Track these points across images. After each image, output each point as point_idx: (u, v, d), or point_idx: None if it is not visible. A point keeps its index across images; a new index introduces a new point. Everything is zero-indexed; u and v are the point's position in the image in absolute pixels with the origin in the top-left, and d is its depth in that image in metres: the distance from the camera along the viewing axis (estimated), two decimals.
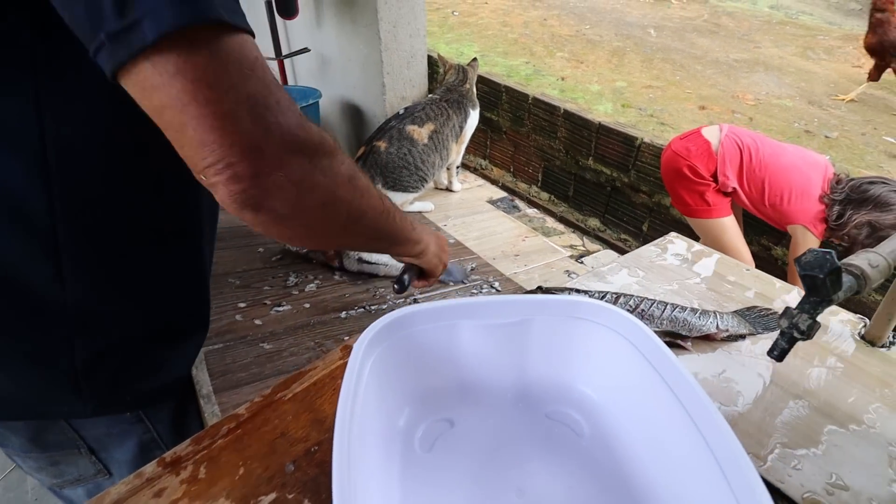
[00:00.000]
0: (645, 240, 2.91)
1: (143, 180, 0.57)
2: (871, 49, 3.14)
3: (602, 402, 0.59)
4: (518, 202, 3.44)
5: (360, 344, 0.51)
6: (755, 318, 0.85)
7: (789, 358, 0.75)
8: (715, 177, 1.94)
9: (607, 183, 3.00)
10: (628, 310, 0.79)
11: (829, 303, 0.54)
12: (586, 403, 0.60)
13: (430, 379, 0.58)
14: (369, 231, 0.61)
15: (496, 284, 1.21)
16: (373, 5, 1.35)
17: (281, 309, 0.96)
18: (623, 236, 3.02)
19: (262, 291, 1.00)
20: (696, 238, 2.46)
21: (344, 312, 0.97)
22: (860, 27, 4.78)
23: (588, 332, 0.59)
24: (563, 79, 3.50)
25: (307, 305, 0.99)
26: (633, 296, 0.81)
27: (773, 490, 0.59)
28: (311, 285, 1.05)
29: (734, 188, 1.92)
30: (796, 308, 0.55)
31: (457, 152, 1.86)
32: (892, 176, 2.56)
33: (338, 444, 0.41)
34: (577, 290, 0.82)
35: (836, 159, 2.62)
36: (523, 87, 3.33)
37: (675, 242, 1.09)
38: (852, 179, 1.80)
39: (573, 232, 3.15)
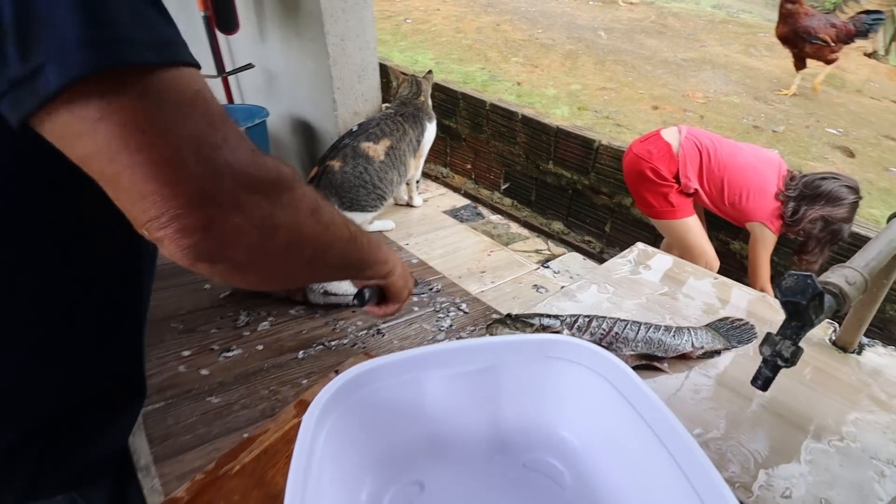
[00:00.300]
0: (608, 241, 2.93)
1: (65, 228, 0.49)
2: (784, 39, 3.26)
3: (583, 447, 0.55)
4: (481, 209, 3.42)
5: (312, 413, 0.45)
6: (728, 330, 0.83)
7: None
8: (677, 178, 1.96)
9: (568, 186, 3.01)
10: (601, 333, 0.75)
11: (811, 326, 0.52)
12: (567, 449, 0.55)
13: (395, 439, 0.52)
14: (337, 262, 0.57)
15: (463, 305, 1.16)
16: (318, 18, 1.28)
17: (231, 354, 0.88)
18: (587, 238, 3.04)
19: (208, 335, 0.92)
20: (660, 238, 2.49)
21: (302, 352, 0.90)
22: None
23: (564, 372, 0.55)
24: (519, 84, 3.50)
25: (260, 347, 0.91)
26: (605, 318, 0.78)
27: None
28: (265, 323, 0.97)
29: (696, 189, 1.94)
30: (778, 334, 0.52)
31: (415, 167, 1.80)
32: (838, 166, 2.67)
33: None
34: (549, 316, 0.78)
35: (784, 153, 2.71)
36: (480, 93, 3.31)
37: (642, 252, 1.07)
38: (805, 176, 1.85)
39: (538, 236, 3.14)
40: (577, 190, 2.95)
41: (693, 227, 2.03)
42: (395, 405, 0.52)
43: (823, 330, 0.86)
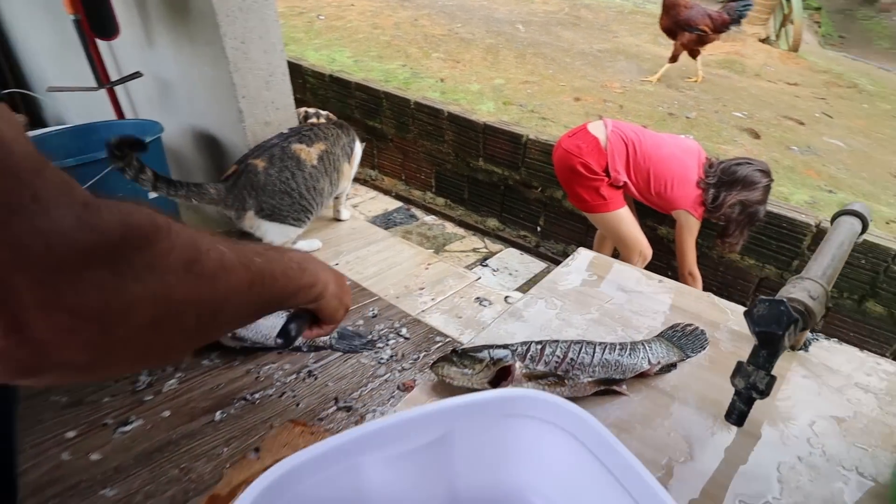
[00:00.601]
0: (543, 234, 2.94)
1: None
2: (668, 30, 3.45)
3: None
4: (414, 210, 3.33)
5: None
6: (680, 338, 0.80)
7: (720, 381, 0.70)
8: (607, 171, 1.98)
9: (500, 182, 2.98)
10: (556, 361, 0.69)
11: (783, 350, 0.47)
12: None
13: None
14: (241, 313, 0.46)
15: (403, 330, 1.07)
16: (212, 19, 1.13)
17: (129, 428, 0.74)
18: (522, 233, 3.04)
19: (100, 406, 0.76)
20: (593, 229, 2.52)
21: (219, 412, 0.77)
22: None
23: (526, 431, 0.48)
24: (442, 80, 3.43)
25: (166, 414, 0.77)
26: (557, 342, 0.71)
27: None
28: (171, 381, 0.83)
29: (625, 181, 1.97)
30: (749, 363, 0.48)
31: (347, 178, 1.66)
32: (747, 148, 2.83)
33: None
34: (498, 347, 0.70)
35: (699, 138, 2.83)
36: (403, 91, 3.21)
37: (584, 258, 1.03)
38: (721, 162, 1.93)
39: (474, 234, 3.10)
40: (509, 185, 2.93)
41: (625, 219, 2.06)
42: None
43: None
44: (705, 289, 2.20)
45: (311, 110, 2.71)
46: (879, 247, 2.01)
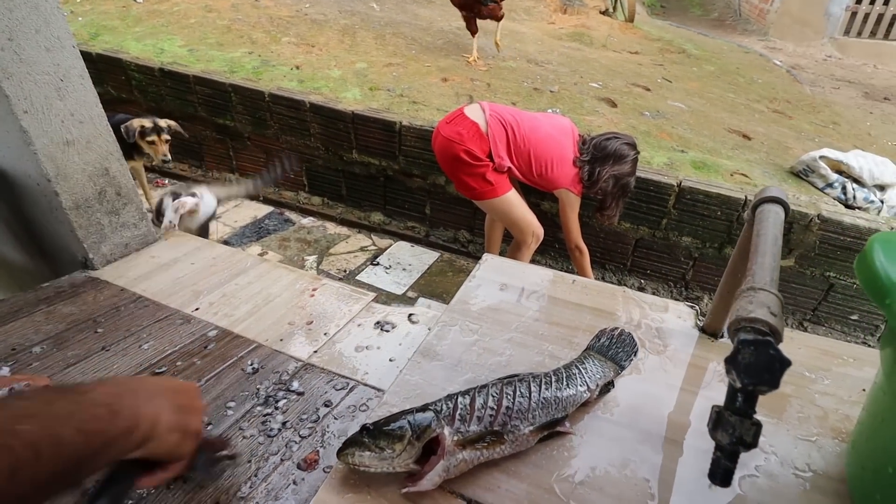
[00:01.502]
0: (431, 223, 2.84)
1: None
2: (461, 5, 3.32)
3: None
4: (289, 214, 3.02)
5: None
6: (609, 347, 0.72)
7: (658, 391, 0.62)
8: (490, 156, 1.92)
9: (379, 174, 2.81)
10: (491, 415, 0.57)
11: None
12: None
13: None
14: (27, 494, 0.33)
15: (294, 384, 0.88)
16: None
17: None
18: (410, 223, 2.91)
19: None
20: (480, 213, 2.47)
21: None
22: None
23: None
24: (297, 67, 3.11)
25: None
26: (487, 387, 0.59)
27: None
28: None
29: (509, 166, 1.93)
30: (727, 410, 0.39)
31: None
32: (608, 117, 2.96)
33: None
34: (418, 410, 0.56)
35: (564, 111, 2.91)
36: (254, 83, 2.85)
37: (489, 267, 0.92)
38: (593, 138, 1.97)
39: (359, 232, 2.90)
40: (389, 176, 2.77)
41: (514, 202, 2.03)
42: None
43: (687, 315, 0.82)
44: (591, 256, 2.28)
45: (147, 123, 2.26)
46: (731, 198, 2.21)
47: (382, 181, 2.81)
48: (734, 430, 0.38)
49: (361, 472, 0.54)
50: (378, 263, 2.63)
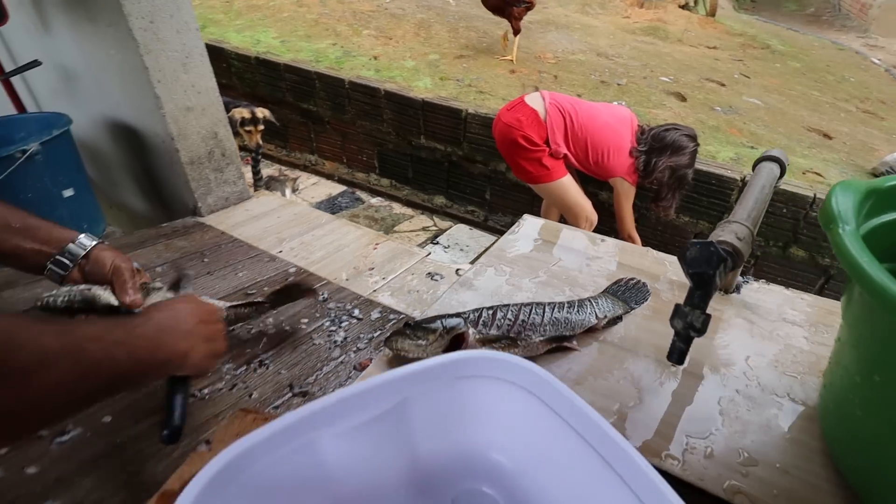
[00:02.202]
0: (490, 208, 2.97)
1: None
2: (494, 8, 3.31)
3: (514, 467, 0.49)
4: (360, 193, 3.26)
5: None
6: (624, 292, 0.83)
7: (664, 329, 0.73)
8: (547, 142, 2.01)
9: (444, 159, 2.97)
10: (508, 324, 0.70)
11: (715, 291, 0.50)
12: (496, 472, 0.49)
13: None
14: (72, 404, 0.46)
15: (356, 311, 1.05)
16: None
17: (67, 437, 0.69)
18: (470, 208, 3.05)
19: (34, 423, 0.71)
20: (538, 199, 2.56)
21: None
22: None
23: (481, 390, 0.48)
24: (375, 58, 3.34)
25: (108, 419, 0.73)
26: (508, 306, 0.72)
27: (697, 491, 0.55)
28: None
29: (565, 153, 2.02)
30: (686, 305, 0.50)
31: None
32: (675, 111, 2.94)
33: None
34: (450, 316, 0.70)
35: (630, 104, 2.92)
36: (336, 71, 3.11)
37: (530, 225, 1.04)
38: (652, 129, 2.01)
39: (422, 213, 3.09)
40: (453, 161, 2.93)
41: (569, 187, 2.11)
42: (288, 483, 0.41)
43: None
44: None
45: (247, 114, 2.57)
46: (798, 195, 2.16)
47: (447, 166, 2.97)
48: (686, 318, 0.49)
49: (401, 357, 0.69)
50: (437, 243, 2.80)
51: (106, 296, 0.71)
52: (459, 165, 2.94)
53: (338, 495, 0.45)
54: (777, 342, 0.75)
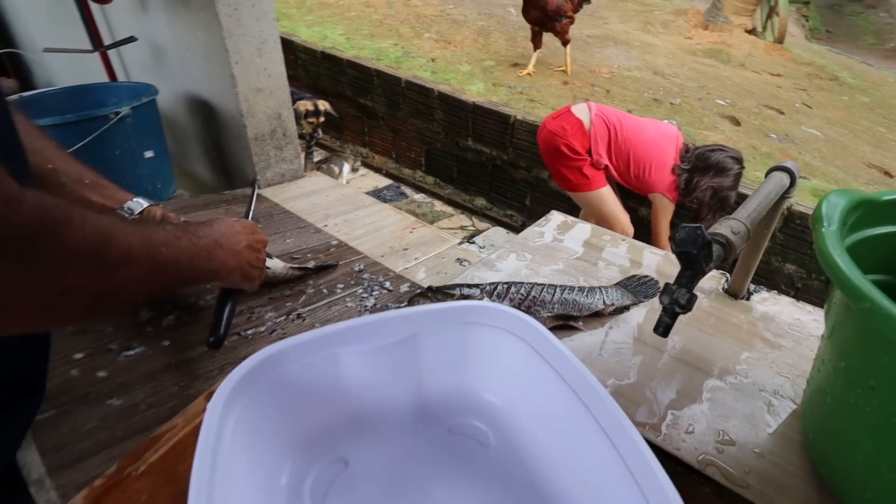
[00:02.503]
0: (529, 214, 3.02)
1: None
2: (535, 21, 3.33)
3: (504, 407, 0.56)
4: (405, 188, 3.39)
5: (216, 403, 0.42)
6: (635, 286, 0.88)
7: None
8: (590, 152, 2.06)
9: (488, 162, 3.05)
10: (520, 298, 0.77)
11: (703, 274, 0.55)
12: (488, 410, 0.56)
13: (314, 420, 0.51)
14: (137, 298, 0.53)
15: (387, 283, 1.14)
16: None
17: (132, 352, 0.81)
18: (509, 212, 3.11)
19: (104, 334, 0.83)
20: (577, 209, 2.60)
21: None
22: (688, 2, 5.35)
23: (482, 336, 0.55)
24: (433, 60, 3.47)
25: (166, 343, 0.84)
26: (523, 283, 0.79)
27: (671, 458, 0.61)
28: (170, 317, 0.90)
29: (606, 164, 2.06)
30: (674, 283, 0.56)
31: None
32: (727, 134, 2.91)
33: None
34: (468, 286, 0.78)
35: (681, 123, 2.91)
36: (395, 70, 3.25)
37: (556, 220, 1.11)
38: (697, 148, 2.02)
39: (462, 213, 3.17)
40: (497, 165, 3.00)
41: (608, 198, 2.15)
42: (311, 385, 0.50)
43: (717, 280, 0.94)
44: None
45: (310, 107, 2.76)
46: None
47: (490, 169, 3.05)
48: (673, 295, 0.55)
49: None
50: (473, 242, 2.88)
51: None
52: (503, 169, 3.01)
53: (351, 408, 0.53)
54: (777, 346, 0.78)
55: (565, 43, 3.35)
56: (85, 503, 0.47)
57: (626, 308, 0.84)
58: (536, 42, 3.41)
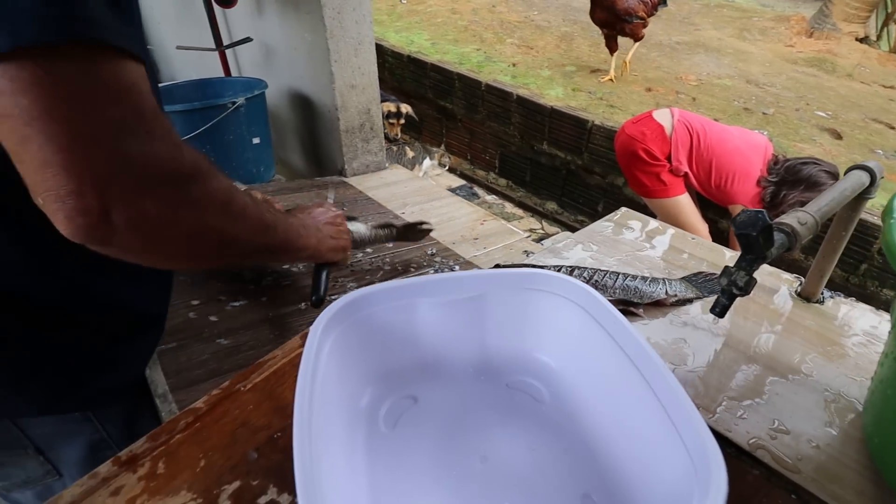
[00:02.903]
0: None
1: None
2: (603, 22, 3.22)
3: (559, 369, 0.61)
4: (477, 189, 3.47)
5: (317, 326, 0.50)
6: (702, 282, 0.89)
7: (737, 320, 0.80)
8: (669, 158, 2.02)
9: (562, 166, 3.06)
10: (583, 280, 0.81)
11: (763, 259, 0.57)
12: (544, 371, 0.61)
13: (390, 358, 0.59)
14: (246, 250, 0.61)
15: (456, 267, 1.22)
16: None
17: (237, 304, 0.94)
18: (580, 217, 3.10)
19: (215, 288, 0.97)
20: (652, 217, 2.55)
21: (303, 304, 0.96)
22: (791, 9, 5.03)
23: (543, 302, 0.61)
24: (514, 65, 3.52)
25: (264, 299, 0.97)
26: (586, 268, 0.84)
27: (721, 438, 0.62)
28: (269, 279, 1.03)
29: (686, 172, 2.01)
30: (734, 266, 0.58)
31: None
32: (825, 148, 2.73)
33: (298, 426, 0.40)
34: (534, 265, 0.84)
35: (774, 134, 2.76)
36: (476, 74, 3.34)
37: (625, 216, 1.13)
38: (787, 160, 1.92)
39: (532, 216, 3.20)
40: (571, 170, 3.00)
41: (685, 206, 2.10)
42: (389, 328, 0.58)
43: (790, 283, 0.93)
44: None
45: (392, 108, 2.93)
46: None
47: (564, 174, 3.06)
48: (731, 277, 0.57)
49: None
50: (542, 244, 2.90)
51: None
52: (577, 174, 3.00)
53: (422, 353, 0.61)
54: (848, 350, 0.77)
55: (637, 39, 3.27)
56: (205, 406, 0.58)
57: (690, 301, 0.85)
58: (611, 46, 3.36)
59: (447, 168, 2.77)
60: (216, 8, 1.75)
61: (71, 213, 0.36)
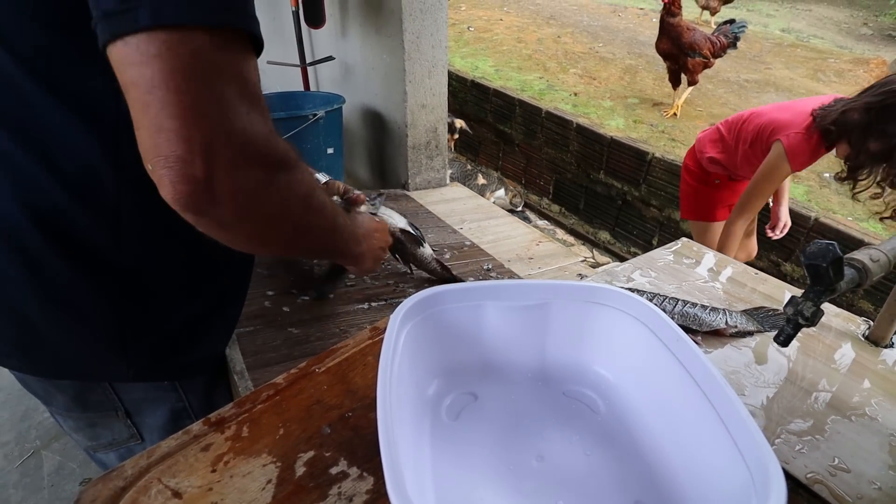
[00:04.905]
0: None
1: None
2: (666, 54, 3.18)
3: (617, 383, 0.63)
4: (529, 214, 3.49)
5: (396, 316, 0.55)
6: (763, 317, 0.88)
7: (801, 357, 0.79)
8: (722, 165, 1.88)
9: (618, 196, 3.04)
10: None
11: (832, 292, 0.58)
12: (602, 384, 0.64)
13: (456, 354, 0.62)
14: (313, 245, 0.65)
15: None
16: (398, 16, 1.41)
17: (307, 298, 1.01)
18: (633, 249, 3.06)
19: (288, 282, 1.05)
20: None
21: (367, 304, 1.02)
22: (871, 51, 4.83)
23: (605, 316, 0.63)
24: (576, 94, 3.56)
25: (332, 296, 1.03)
26: (645, 292, 0.85)
27: None
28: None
29: (710, 156, 1.88)
30: (801, 297, 0.59)
31: None
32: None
33: (381, 405, 0.44)
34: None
35: None
36: (537, 101, 3.40)
37: (686, 246, 1.13)
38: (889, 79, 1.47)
39: (583, 244, 3.19)
40: (627, 201, 2.98)
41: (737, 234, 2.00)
42: (458, 326, 0.62)
43: (857, 326, 0.90)
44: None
45: (449, 120, 3.03)
46: None
47: (619, 204, 3.04)
48: (798, 306, 0.58)
49: None
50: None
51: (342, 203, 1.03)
52: (633, 206, 2.98)
53: (485, 353, 0.65)
54: None
55: (691, 83, 3.23)
56: (284, 382, 0.64)
57: (750, 334, 0.85)
58: (673, 80, 3.34)
59: (518, 209, 2.82)
60: (304, 28, 1.89)
61: (176, 179, 0.40)
